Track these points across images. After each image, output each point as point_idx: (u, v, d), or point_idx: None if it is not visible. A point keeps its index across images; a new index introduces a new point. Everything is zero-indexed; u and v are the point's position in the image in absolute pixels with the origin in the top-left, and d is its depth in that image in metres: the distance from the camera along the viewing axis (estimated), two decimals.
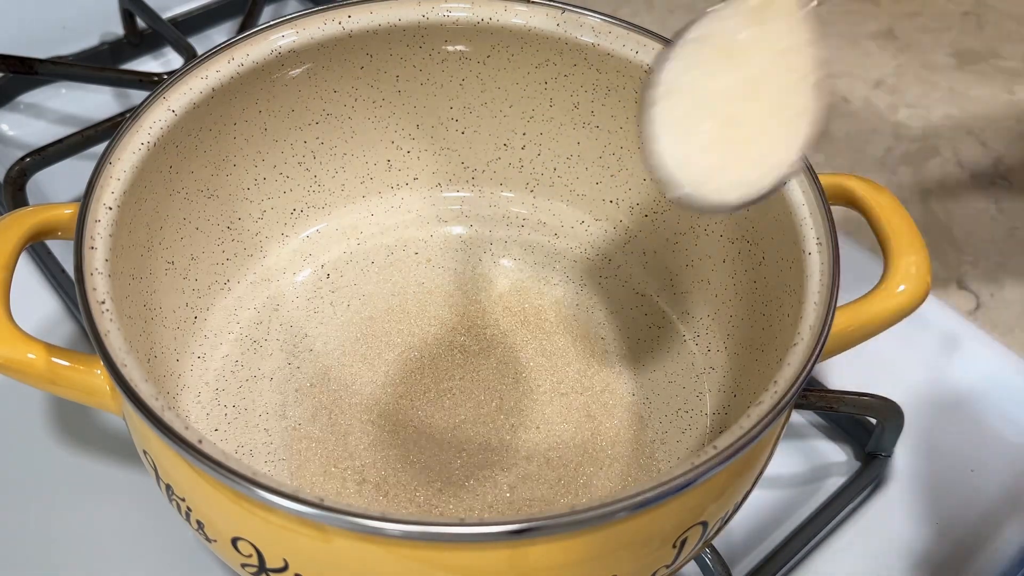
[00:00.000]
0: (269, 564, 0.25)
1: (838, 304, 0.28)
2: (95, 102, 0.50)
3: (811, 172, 0.31)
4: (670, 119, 0.26)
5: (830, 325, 0.28)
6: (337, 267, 0.39)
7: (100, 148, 0.37)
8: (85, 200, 0.29)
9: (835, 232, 0.30)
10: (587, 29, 0.35)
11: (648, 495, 0.23)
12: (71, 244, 0.28)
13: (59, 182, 0.45)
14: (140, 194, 0.31)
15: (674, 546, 0.26)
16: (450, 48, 0.37)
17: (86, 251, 0.28)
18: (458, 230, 0.41)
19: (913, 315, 0.31)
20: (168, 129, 0.32)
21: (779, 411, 0.25)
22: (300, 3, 0.59)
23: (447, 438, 0.34)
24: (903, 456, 0.38)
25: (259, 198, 0.38)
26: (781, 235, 0.32)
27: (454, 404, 0.35)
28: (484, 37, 0.37)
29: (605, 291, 0.39)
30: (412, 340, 0.37)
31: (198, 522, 0.26)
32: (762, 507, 0.36)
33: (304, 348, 0.36)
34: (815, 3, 0.26)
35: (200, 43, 0.52)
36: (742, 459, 0.25)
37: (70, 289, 0.40)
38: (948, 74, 0.58)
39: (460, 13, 0.36)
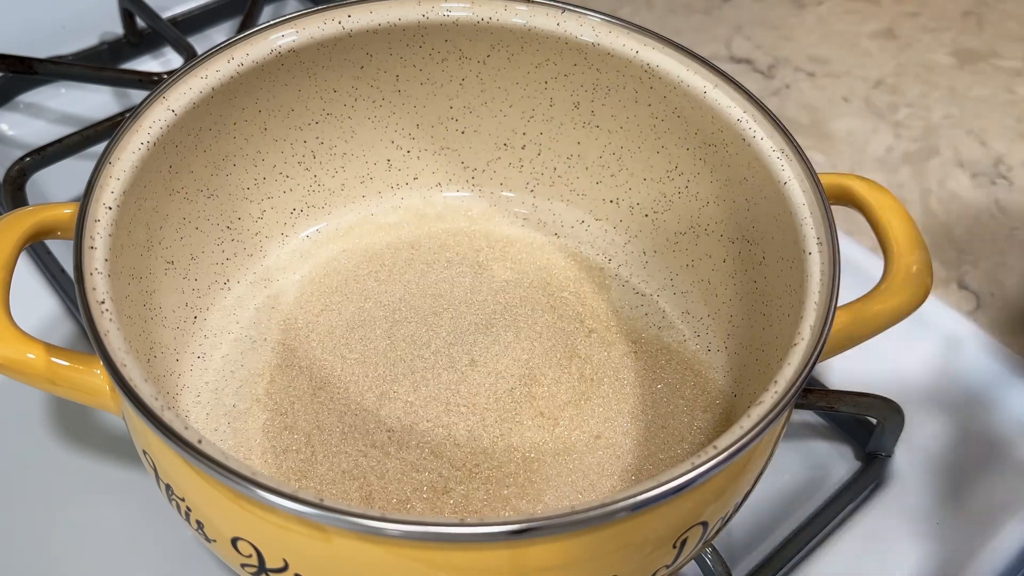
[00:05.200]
0: (269, 564, 0.25)
1: (838, 304, 0.28)
2: (95, 102, 0.50)
3: (811, 172, 0.31)
4: None
5: (830, 325, 0.28)
6: (337, 267, 0.39)
7: (100, 148, 0.37)
8: (85, 200, 0.29)
9: (835, 232, 0.30)
10: (587, 29, 0.35)
11: (648, 495, 0.23)
12: (71, 244, 0.28)
13: (59, 182, 0.45)
14: (140, 194, 0.31)
15: (674, 546, 0.26)
16: (450, 48, 0.37)
17: (86, 251, 0.28)
18: (458, 230, 0.41)
19: (913, 315, 0.31)
20: (168, 129, 0.32)
21: (779, 411, 0.25)
22: (300, 3, 0.59)
23: (448, 438, 0.34)
24: (903, 456, 0.38)
25: (259, 198, 0.38)
26: (781, 235, 0.32)
27: (454, 404, 0.35)
28: (484, 37, 0.37)
29: (605, 291, 0.39)
30: (412, 340, 0.37)
31: (198, 522, 0.26)
32: (762, 507, 0.36)
33: (304, 348, 0.36)
34: None
35: (200, 43, 0.52)
36: (742, 459, 0.25)
37: (70, 289, 0.40)
38: (948, 74, 0.58)
39: (460, 13, 0.36)
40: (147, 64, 0.53)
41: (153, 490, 0.29)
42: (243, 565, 0.26)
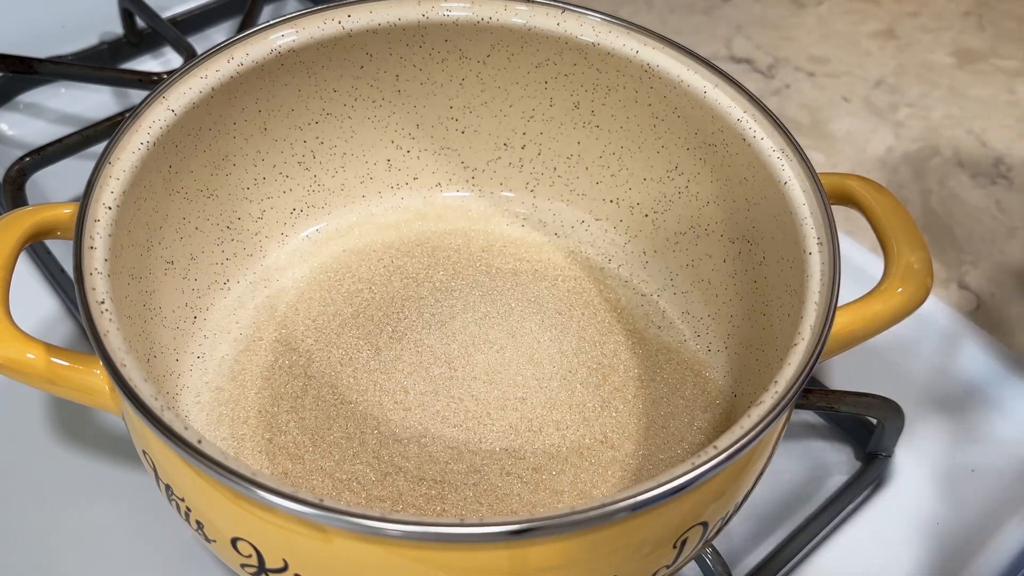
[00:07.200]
0: (269, 564, 0.25)
1: (839, 304, 0.28)
2: (94, 102, 0.50)
3: (811, 172, 0.31)
4: None
5: (831, 325, 0.28)
6: (337, 267, 0.39)
7: (99, 148, 0.37)
8: (84, 200, 0.29)
9: (836, 232, 0.30)
10: (587, 28, 0.35)
11: (648, 495, 0.23)
12: (71, 244, 0.28)
13: (58, 182, 0.45)
14: (139, 194, 0.31)
15: (674, 546, 0.26)
16: (450, 48, 0.37)
17: (85, 251, 0.28)
18: (458, 230, 0.41)
19: (913, 315, 0.31)
20: (167, 129, 0.32)
21: (779, 411, 0.25)
22: (300, 3, 0.59)
23: (447, 438, 0.34)
24: (903, 456, 0.38)
25: (259, 198, 0.38)
26: (782, 235, 0.32)
27: (454, 404, 0.35)
28: (484, 37, 0.37)
29: (605, 291, 0.39)
30: (412, 340, 0.37)
31: (197, 522, 0.26)
32: (762, 507, 0.36)
33: (304, 349, 0.36)
34: None
35: (200, 43, 0.52)
36: (742, 459, 0.25)
37: (70, 289, 0.40)
38: (948, 74, 0.58)
39: (460, 13, 0.36)
40: (147, 64, 0.53)
41: (153, 490, 0.29)
42: (243, 565, 0.26)
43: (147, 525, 0.34)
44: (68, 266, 0.40)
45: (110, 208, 0.29)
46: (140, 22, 0.52)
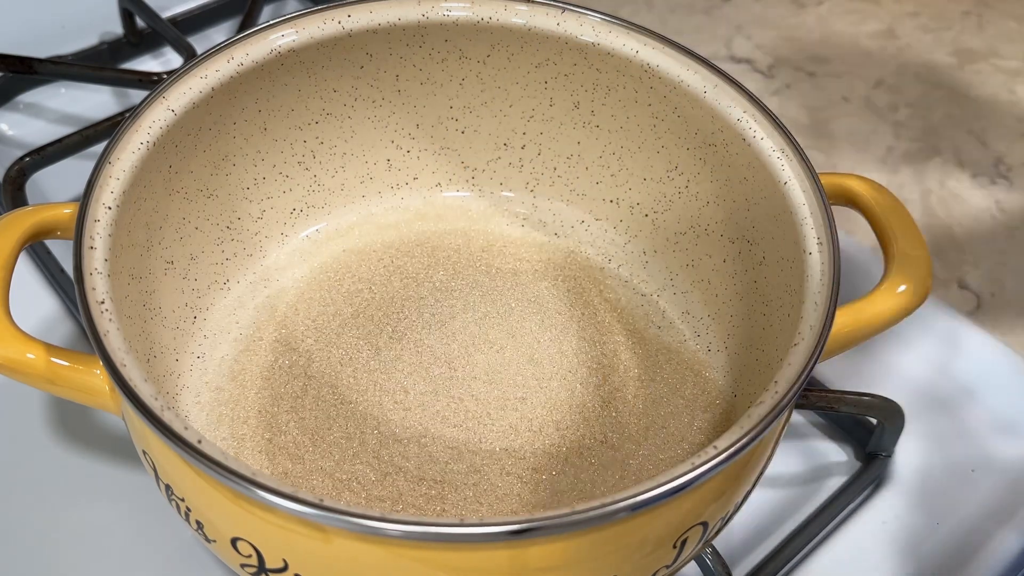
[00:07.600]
0: (268, 564, 0.25)
1: (838, 304, 0.28)
2: (94, 102, 0.50)
3: (812, 172, 0.31)
4: None
5: (830, 325, 0.28)
6: (337, 267, 0.39)
7: (99, 148, 0.37)
8: (84, 200, 0.29)
9: (835, 232, 0.30)
10: (587, 28, 0.35)
11: (648, 495, 0.23)
12: (70, 244, 0.28)
13: (58, 182, 0.45)
14: (139, 194, 0.31)
15: (674, 546, 0.26)
16: (450, 48, 0.37)
17: (85, 251, 0.28)
18: (458, 230, 0.41)
19: (913, 315, 0.31)
20: (167, 129, 0.32)
21: (779, 411, 0.25)
22: (300, 2, 0.59)
23: (446, 439, 0.34)
24: (903, 456, 0.38)
25: (259, 198, 0.38)
26: (781, 235, 0.32)
27: (453, 405, 0.35)
28: (484, 37, 0.37)
29: (605, 291, 0.39)
30: (411, 341, 0.37)
31: (197, 522, 0.26)
32: (762, 507, 0.36)
33: (304, 349, 0.36)
34: None
35: (199, 43, 0.52)
36: (742, 459, 0.25)
37: (70, 289, 0.40)
38: (948, 74, 0.58)
39: (460, 13, 0.36)
40: (147, 64, 0.53)
41: (153, 490, 0.29)
42: (243, 565, 0.26)
43: (147, 525, 0.34)
44: (68, 266, 0.40)
45: (110, 208, 0.29)
46: (140, 22, 0.52)
